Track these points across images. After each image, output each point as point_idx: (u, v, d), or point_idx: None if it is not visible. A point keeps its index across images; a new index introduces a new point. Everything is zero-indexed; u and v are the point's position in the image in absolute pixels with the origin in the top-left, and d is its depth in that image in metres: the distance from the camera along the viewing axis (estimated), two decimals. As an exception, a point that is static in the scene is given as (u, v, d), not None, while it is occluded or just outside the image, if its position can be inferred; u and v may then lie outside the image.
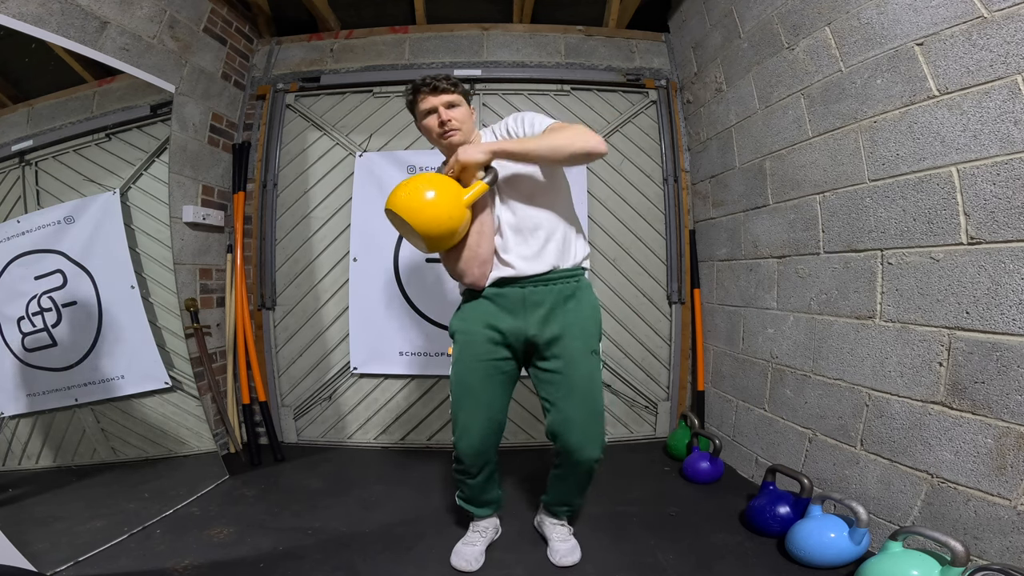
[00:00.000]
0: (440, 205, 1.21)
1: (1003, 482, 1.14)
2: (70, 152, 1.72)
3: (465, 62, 2.55)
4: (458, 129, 1.36)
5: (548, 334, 1.34)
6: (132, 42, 1.90)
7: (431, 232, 1.22)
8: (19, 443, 1.64)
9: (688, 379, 2.51)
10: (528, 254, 1.34)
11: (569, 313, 1.36)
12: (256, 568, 1.43)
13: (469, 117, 1.41)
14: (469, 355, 1.38)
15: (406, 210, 1.21)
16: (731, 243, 2.18)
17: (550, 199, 1.37)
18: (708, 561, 1.45)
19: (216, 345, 2.36)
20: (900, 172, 1.38)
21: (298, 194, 2.52)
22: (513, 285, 1.35)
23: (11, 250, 1.63)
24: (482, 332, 1.37)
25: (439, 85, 1.35)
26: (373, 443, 2.48)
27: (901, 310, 1.39)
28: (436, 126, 1.36)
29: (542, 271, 1.34)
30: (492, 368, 1.37)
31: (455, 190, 1.24)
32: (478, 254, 1.34)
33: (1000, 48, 1.13)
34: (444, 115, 1.34)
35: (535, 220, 1.35)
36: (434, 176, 1.27)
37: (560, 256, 1.36)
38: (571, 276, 1.38)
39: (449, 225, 1.22)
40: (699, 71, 2.37)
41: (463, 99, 1.40)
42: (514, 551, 1.52)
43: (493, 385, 1.38)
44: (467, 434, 1.38)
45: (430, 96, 1.36)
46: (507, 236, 1.35)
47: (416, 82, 1.38)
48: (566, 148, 1.22)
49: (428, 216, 1.21)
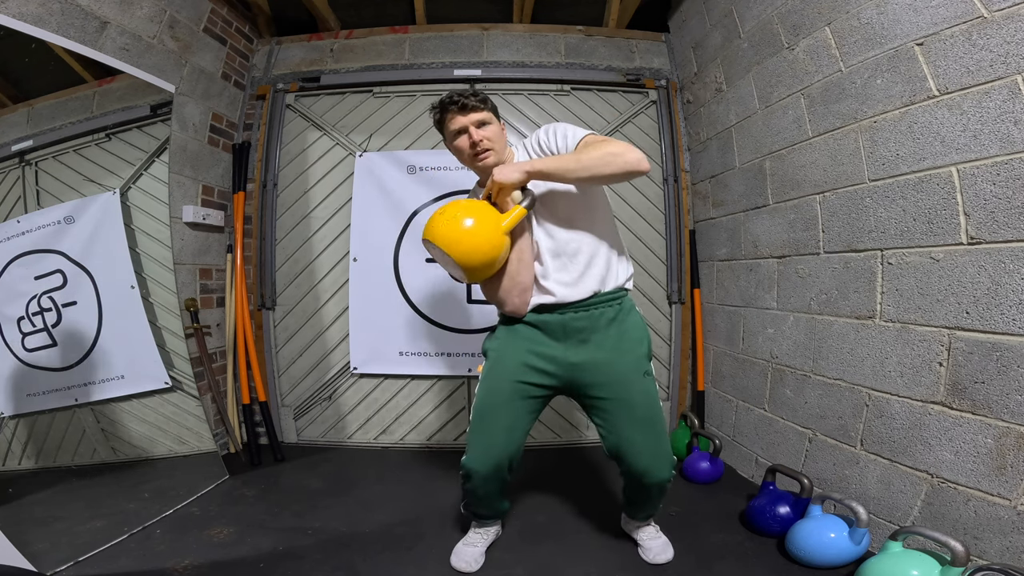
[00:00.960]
0: (480, 234, 1.16)
1: (1003, 482, 1.14)
2: (70, 152, 1.72)
3: (465, 62, 2.55)
4: (491, 149, 1.30)
5: (593, 361, 1.30)
6: (132, 42, 1.90)
7: (472, 262, 1.18)
8: (19, 443, 1.64)
9: (688, 379, 2.51)
10: (568, 280, 1.29)
11: (613, 338, 1.31)
12: (256, 568, 1.43)
13: (501, 134, 1.35)
14: (499, 374, 1.34)
15: (445, 241, 1.16)
16: (731, 243, 2.18)
17: (589, 219, 1.32)
18: (708, 561, 1.45)
19: (216, 345, 2.36)
20: (900, 172, 1.38)
21: (298, 194, 2.52)
22: (553, 312, 1.30)
23: (11, 250, 1.63)
24: (518, 355, 1.33)
25: (467, 103, 1.29)
26: (373, 443, 2.48)
27: (901, 310, 1.39)
28: (468, 147, 1.30)
29: (583, 297, 1.28)
30: (522, 391, 1.32)
31: (493, 217, 1.19)
32: (518, 282, 1.29)
33: (1000, 48, 1.13)
34: (476, 135, 1.28)
35: (575, 244, 1.29)
36: (470, 203, 1.22)
37: (602, 280, 1.30)
38: (613, 299, 1.32)
39: (490, 254, 1.18)
40: (699, 71, 2.37)
41: (493, 115, 1.35)
42: (514, 551, 1.52)
43: (519, 408, 1.33)
44: (484, 455, 1.32)
45: (459, 115, 1.30)
46: (546, 262, 1.30)
47: (443, 100, 1.32)
48: (605, 168, 1.15)
49: (468, 246, 1.16)
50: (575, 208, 1.31)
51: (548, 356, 1.31)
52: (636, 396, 1.30)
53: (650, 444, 1.31)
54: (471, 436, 1.34)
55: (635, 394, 1.30)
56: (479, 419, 1.34)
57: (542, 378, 1.32)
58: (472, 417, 1.36)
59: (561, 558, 1.49)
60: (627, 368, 1.31)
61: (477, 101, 1.31)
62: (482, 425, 1.33)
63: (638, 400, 1.31)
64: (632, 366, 1.32)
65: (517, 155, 1.39)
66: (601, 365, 1.30)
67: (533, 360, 1.32)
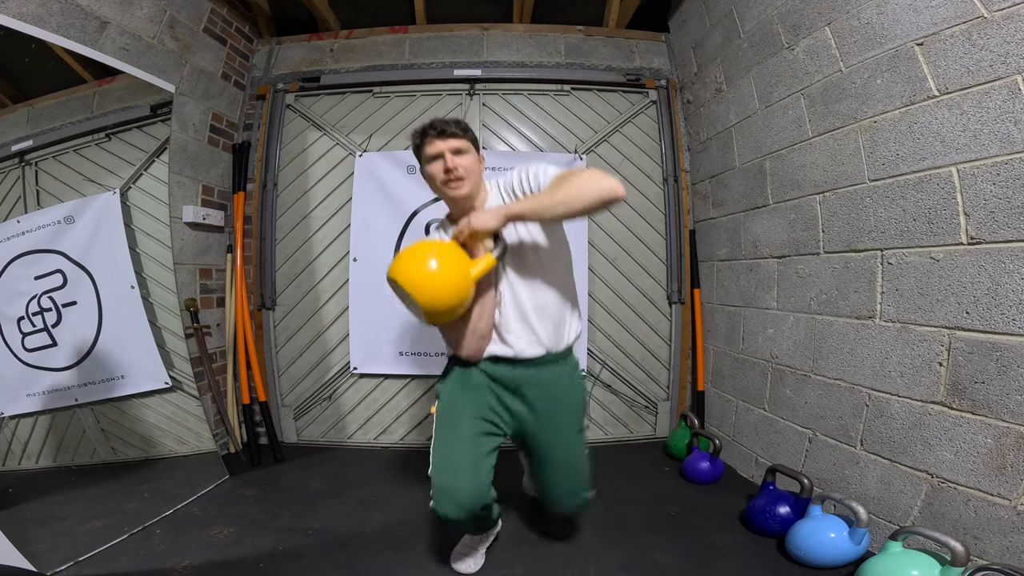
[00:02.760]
0: (446, 279, 1.14)
1: (1003, 482, 1.14)
2: (70, 152, 1.72)
3: (465, 62, 2.55)
4: (464, 178, 1.27)
5: (537, 414, 1.35)
6: (132, 42, 1.90)
7: (435, 307, 1.16)
8: (19, 443, 1.64)
9: (688, 379, 2.51)
10: (527, 337, 1.31)
11: (558, 394, 1.37)
12: (256, 568, 1.43)
13: (477, 166, 1.32)
14: (455, 417, 1.33)
15: (409, 282, 1.14)
16: (731, 243, 2.18)
17: (553, 272, 1.33)
18: (708, 561, 1.45)
19: (216, 345, 2.35)
20: (900, 172, 1.38)
21: (298, 194, 2.52)
22: (506, 364, 1.33)
23: (11, 250, 1.63)
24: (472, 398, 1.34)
25: (447, 129, 1.27)
26: (373, 443, 2.48)
27: (901, 310, 1.39)
28: (440, 173, 1.27)
29: (537, 355, 1.32)
30: (479, 428, 1.32)
31: (462, 263, 1.17)
32: (477, 328, 1.30)
33: (1000, 48, 1.13)
34: (450, 161, 1.25)
35: (538, 300, 1.31)
36: (440, 245, 1.19)
37: (556, 340, 1.34)
38: (562, 357, 1.37)
39: (454, 301, 1.16)
40: (699, 71, 2.37)
41: (472, 146, 1.32)
42: (514, 551, 1.52)
43: (480, 447, 1.30)
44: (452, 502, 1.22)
45: (437, 140, 1.27)
46: (508, 315, 1.31)
47: (424, 125, 1.31)
48: (581, 199, 1.12)
49: (432, 290, 1.14)
50: (542, 260, 1.31)
51: (499, 404, 1.35)
52: (565, 450, 1.39)
53: (565, 487, 1.41)
54: (437, 481, 1.26)
55: (565, 448, 1.38)
56: (443, 464, 1.28)
57: (494, 421, 1.35)
58: (434, 460, 1.30)
59: (560, 558, 1.48)
60: (566, 424, 1.38)
61: (457, 128, 1.29)
62: (446, 469, 1.27)
63: (566, 455, 1.39)
64: (571, 424, 1.39)
65: (490, 193, 1.37)
66: (542, 418, 1.36)
67: (484, 408, 1.34)
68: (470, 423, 1.32)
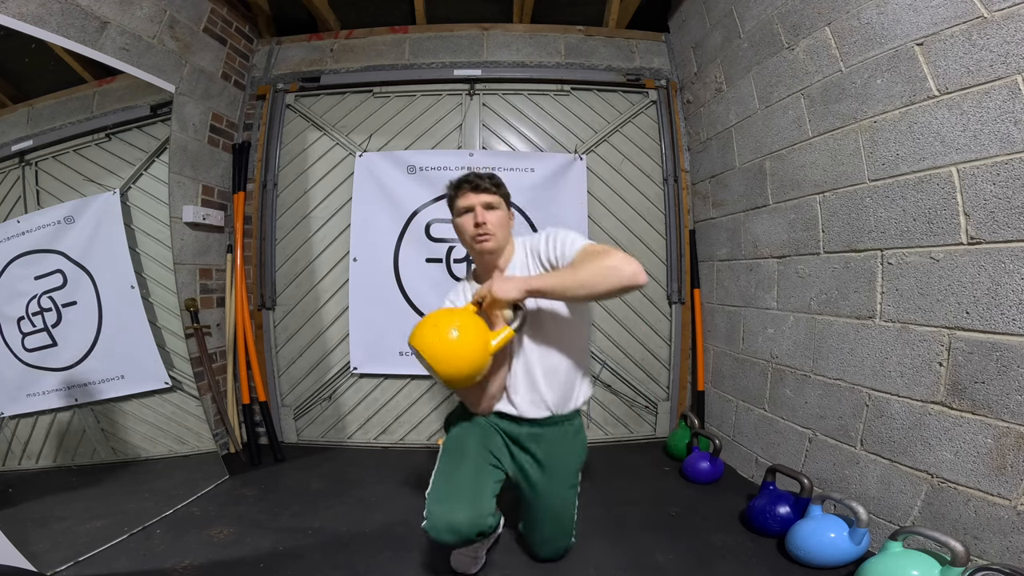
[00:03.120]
0: (465, 352, 1.17)
1: (1003, 482, 1.14)
2: (70, 152, 1.72)
3: (465, 62, 2.55)
4: (492, 235, 1.33)
5: (535, 467, 1.40)
6: (132, 42, 1.90)
7: (453, 377, 1.19)
8: (19, 443, 1.64)
9: (688, 379, 2.51)
10: (533, 399, 1.36)
11: (558, 451, 1.40)
12: (256, 568, 1.43)
13: (506, 223, 1.38)
14: (463, 443, 1.38)
15: (431, 353, 1.18)
16: (731, 243, 2.18)
17: (570, 340, 1.36)
18: (708, 561, 1.45)
19: (216, 345, 2.35)
20: (900, 172, 1.38)
21: (298, 194, 2.52)
22: (511, 421, 1.40)
23: (11, 250, 1.63)
24: (481, 438, 1.39)
25: (481, 184, 1.33)
26: (373, 443, 2.48)
27: (901, 310, 1.38)
28: (471, 227, 1.33)
29: (541, 417, 1.37)
30: (486, 459, 1.36)
31: (482, 335, 1.20)
32: (490, 392, 1.36)
33: (1000, 48, 1.13)
34: (480, 216, 1.31)
35: (549, 364, 1.35)
36: (461, 316, 1.21)
37: (562, 404, 1.38)
38: (566, 420, 1.41)
39: (471, 371, 1.19)
40: (699, 71, 2.37)
41: (503, 202, 1.38)
42: (514, 551, 1.52)
43: (484, 476, 1.32)
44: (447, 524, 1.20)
45: (470, 193, 1.34)
46: (517, 376, 1.36)
47: (460, 177, 1.38)
48: (602, 284, 1.14)
49: (452, 361, 1.17)
50: (559, 326, 1.34)
51: (501, 453, 1.40)
52: (557, 501, 1.41)
53: (547, 534, 1.43)
54: (433, 505, 1.25)
55: (557, 499, 1.41)
56: (442, 490, 1.28)
57: (499, 458, 1.40)
58: (433, 484, 1.31)
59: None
60: (560, 480, 1.41)
61: (491, 184, 1.35)
62: (445, 495, 1.26)
63: (558, 506, 1.41)
64: (566, 480, 1.42)
65: (517, 251, 1.41)
66: (538, 469, 1.40)
67: (490, 443, 1.40)
68: (475, 454, 1.35)
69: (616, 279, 1.13)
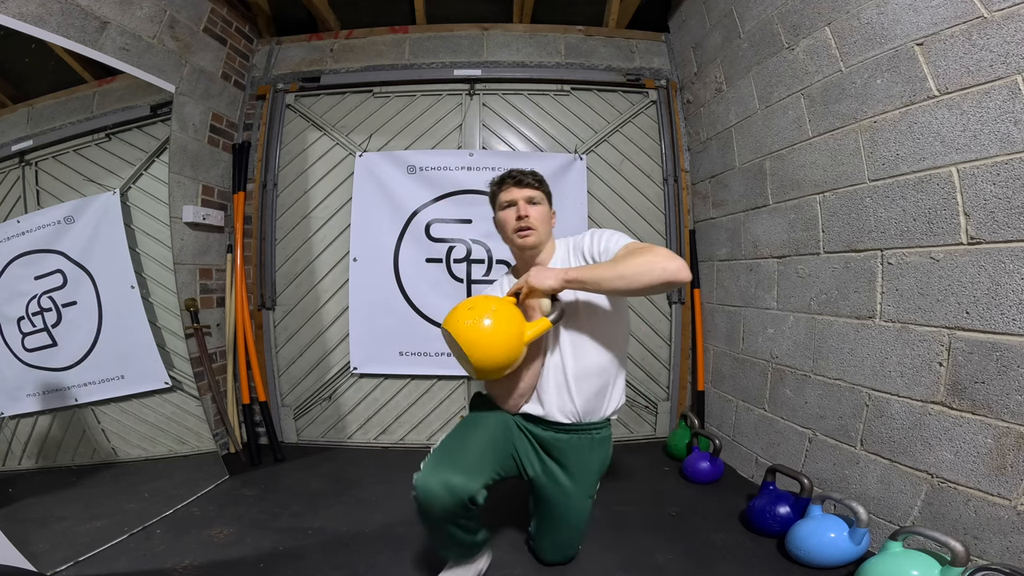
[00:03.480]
0: (500, 341, 1.15)
1: (1003, 482, 1.14)
2: (70, 152, 1.72)
3: (465, 62, 2.55)
4: (534, 229, 1.32)
5: (555, 474, 1.36)
6: (132, 42, 1.90)
7: (485, 366, 1.17)
8: (19, 443, 1.64)
9: (688, 379, 2.51)
10: (560, 404, 1.33)
11: (581, 462, 1.36)
12: (256, 568, 1.43)
13: (548, 219, 1.38)
14: (485, 416, 1.37)
15: (466, 340, 1.15)
16: (731, 243, 2.18)
17: (607, 342, 1.33)
18: (708, 561, 1.45)
19: (216, 345, 2.35)
20: (900, 172, 1.38)
21: (298, 194, 2.52)
22: (538, 424, 1.36)
23: (11, 250, 1.63)
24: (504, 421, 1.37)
25: (524, 179, 1.34)
26: (373, 443, 2.48)
27: (901, 310, 1.38)
28: (512, 220, 1.33)
29: (568, 422, 1.34)
30: (505, 437, 1.35)
31: (518, 324, 1.17)
32: (519, 387, 1.33)
33: (1000, 48, 1.13)
34: (523, 209, 1.32)
35: (582, 367, 1.31)
36: (499, 304, 1.19)
37: (591, 411, 1.35)
38: (594, 429, 1.37)
39: (505, 362, 1.17)
40: (699, 71, 2.37)
41: (545, 199, 1.38)
42: (514, 551, 1.52)
43: (499, 444, 1.32)
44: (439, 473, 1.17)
45: (514, 188, 1.34)
46: (547, 377, 1.33)
47: (504, 174, 1.38)
48: (642, 277, 1.11)
49: (487, 350, 1.14)
50: (598, 329, 1.31)
51: (527, 455, 1.38)
52: (572, 511, 1.38)
53: (558, 540, 1.41)
54: (429, 460, 1.22)
55: (573, 509, 1.38)
56: (444, 449, 1.25)
57: (515, 455, 1.37)
58: (435, 447, 1.27)
59: (561, 558, 1.48)
60: (579, 490, 1.37)
61: (534, 180, 1.36)
62: (445, 453, 1.23)
63: (573, 514, 1.39)
64: (584, 491, 1.39)
65: (558, 250, 1.41)
66: (559, 478, 1.36)
67: (511, 435, 1.37)
68: (493, 433, 1.32)
69: (658, 273, 1.11)
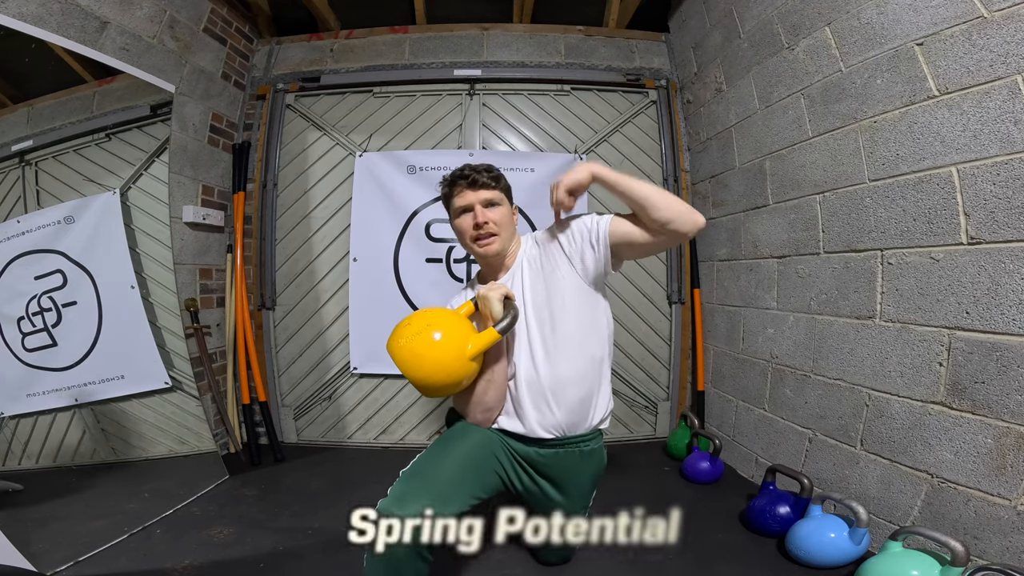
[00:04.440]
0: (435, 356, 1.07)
1: (1003, 482, 1.14)
2: (70, 152, 1.72)
3: (465, 62, 2.55)
4: (495, 235, 1.21)
5: (543, 490, 1.29)
6: (132, 42, 1.90)
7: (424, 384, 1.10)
8: (19, 443, 1.64)
9: (688, 379, 2.51)
10: (539, 417, 1.21)
11: (571, 476, 1.29)
12: (256, 568, 1.43)
13: (510, 220, 1.25)
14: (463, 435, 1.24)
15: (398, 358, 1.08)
16: (731, 243, 2.18)
17: (581, 345, 1.22)
18: (708, 561, 1.45)
19: (216, 345, 2.35)
20: (900, 172, 1.38)
21: (298, 194, 2.52)
22: (520, 440, 1.25)
23: (11, 250, 1.63)
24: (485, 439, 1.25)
25: (478, 179, 1.20)
26: (373, 443, 2.48)
27: (901, 310, 1.38)
28: (470, 228, 1.21)
29: (552, 437, 1.23)
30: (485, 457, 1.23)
31: (457, 339, 1.08)
32: (483, 401, 1.22)
33: (1000, 48, 1.13)
34: (480, 216, 1.19)
35: (558, 376, 1.20)
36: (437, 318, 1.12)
37: (574, 423, 1.23)
38: (582, 440, 1.27)
39: (444, 379, 1.09)
40: (699, 71, 2.37)
41: (505, 197, 1.25)
42: (514, 552, 1.52)
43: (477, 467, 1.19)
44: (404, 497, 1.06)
45: (467, 190, 1.21)
46: (521, 389, 1.21)
47: (453, 173, 1.24)
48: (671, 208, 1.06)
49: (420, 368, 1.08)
50: (571, 333, 1.20)
51: (512, 472, 1.28)
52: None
53: (556, 547, 1.35)
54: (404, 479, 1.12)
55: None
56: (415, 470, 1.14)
57: (499, 474, 1.26)
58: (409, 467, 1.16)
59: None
60: (572, 504, 1.31)
61: (489, 178, 1.22)
62: (424, 467, 1.13)
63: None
64: (578, 506, 1.33)
65: (524, 244, 1.30)
66: (550, 494, 1.29)
67: (492, 454, 1.25)
68: (468, 449, 1.21)
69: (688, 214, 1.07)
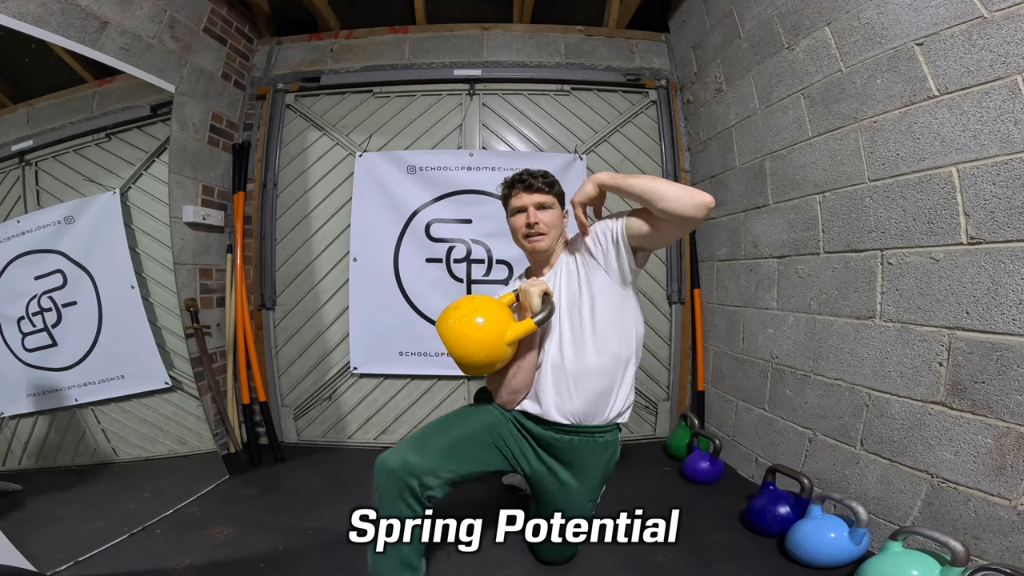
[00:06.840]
0: (478, 338, 1.22)
1: (1003, 482, 1.14)
2: (70, 152, 1.72)
3: (465, 62, 2.55)
4: (544, 234, 1.35)
5: (554, 475, 1.36)
6: (132, 42, 1.90)
7: (465, 361, 1.25)
8: (19, 443, 1.64)
9: (688, 379, 2.51)
10: (557, 403, 1.32)
11: (583, 461, 1.35)
12: (256, 568, 1.43)
13: (559, 222, 1.40)
14: (474, 412, 1.39)
15: (445, 337, 1.24)
16: (731, 243, 2.18)
17: (611, 339, 1.31)
18: (708, 561, 1.45)
19: (216, 345, 2.35)
20: (900, 172, 1.38)
21: (298, 194, 2.52)
22: (537, 423, 1.36)
23: (11, 250, 1.63)
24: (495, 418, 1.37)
25: (534, 183, 1.35)
26: (373, 443, 2.48)
27: (901, 310, 1.38)
28: (523, 226, 1.36)
29: (568, 423, 1.33)
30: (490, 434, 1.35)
31: (499, 325, 1.23)
32: (511, 383, 1.34)
33: (1000, 48, 1.13)
34: (532, 216, 1.34)
35: (582, 366, 1.30)
36: (486, 304, 1.27)
37: (592, 413, 1.32)
38: (598, 432, 1.35)
39: (483, 359, 1.24)
40: (699, 71, 2.37)
41: (557, 201, 1.39)
42: (514, 551, 1.52)
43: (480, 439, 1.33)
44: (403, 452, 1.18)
45: (524, 193, 1.36)
46: (545, 375, 1.33)
47: (514, 176, 1.39)
48: (678, 196, 1.14)
49: (463, 348, 1.23)
50: (602, 327, 1.30)
51: (521, 452, 1.38)
52: (573, 508, 1.37)
53: (560, 544, 1.38)
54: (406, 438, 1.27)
55: (573, 507, 1.38)
56: (417, 437, 1.27)
57: (505, 454, 1.37)
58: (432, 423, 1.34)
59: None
60: (581, 487, 1.37)
61: (544, 183, 1.36)
62: (415, 440, 1.25)
63: (573, 513, 1.37)
64: (586, 490, 1.38)
65: (568, 247, 1.42)
66: (560, 474, 1.36)
67: (500, 436, 1.36)
68: (473, 424, 1.33)
69: (699, 197, 1.14)
